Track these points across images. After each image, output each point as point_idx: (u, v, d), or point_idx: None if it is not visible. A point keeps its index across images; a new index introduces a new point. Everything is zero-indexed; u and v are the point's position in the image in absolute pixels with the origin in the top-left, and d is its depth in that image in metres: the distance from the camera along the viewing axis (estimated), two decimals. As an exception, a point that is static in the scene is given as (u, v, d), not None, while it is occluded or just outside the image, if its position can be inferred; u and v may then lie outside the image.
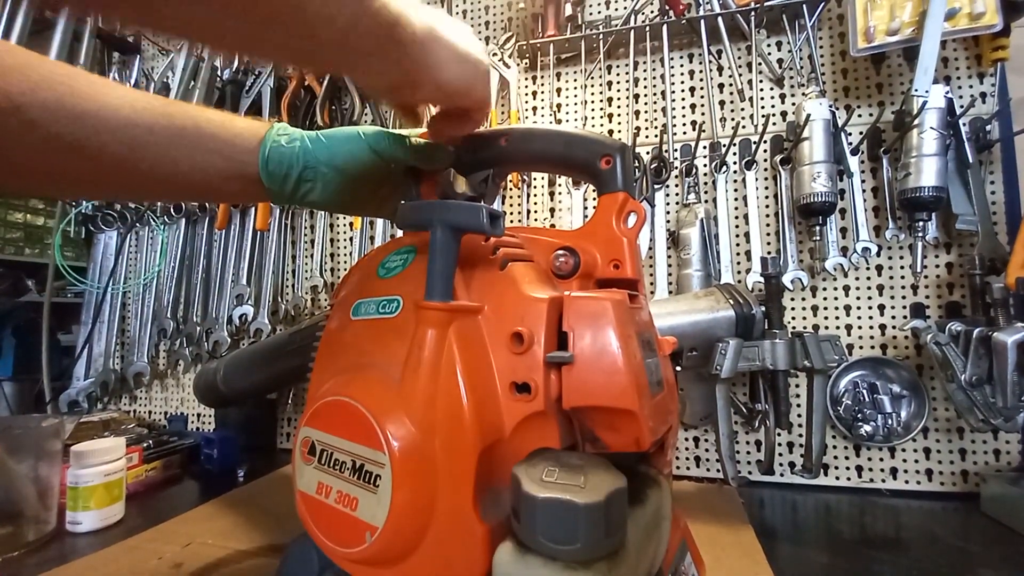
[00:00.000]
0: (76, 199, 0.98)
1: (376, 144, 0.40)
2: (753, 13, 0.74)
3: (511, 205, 0.86)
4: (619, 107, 0.83)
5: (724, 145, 0.76)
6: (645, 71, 0.81)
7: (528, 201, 0.84)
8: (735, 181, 0.78)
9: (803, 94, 0.74)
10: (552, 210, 0.85)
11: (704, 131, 0.78)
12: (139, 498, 0.67)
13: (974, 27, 0.64)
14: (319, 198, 0.41)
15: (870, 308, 0.72)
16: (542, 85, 0.87)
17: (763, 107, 0.77)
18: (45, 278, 1.03)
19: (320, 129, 0.42)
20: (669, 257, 0.77)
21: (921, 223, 0.66)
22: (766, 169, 0.77)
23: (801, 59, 0.75)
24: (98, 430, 0.83)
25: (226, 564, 0.50)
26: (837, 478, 0.71)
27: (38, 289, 1.14)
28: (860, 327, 0.72)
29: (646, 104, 0.82)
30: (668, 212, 0.79)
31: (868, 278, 0.72)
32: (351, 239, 0.92)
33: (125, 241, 1.00)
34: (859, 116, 0.74)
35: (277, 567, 0.36)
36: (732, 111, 0.79)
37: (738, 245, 0.77)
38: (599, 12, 0.85)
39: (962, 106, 0.68)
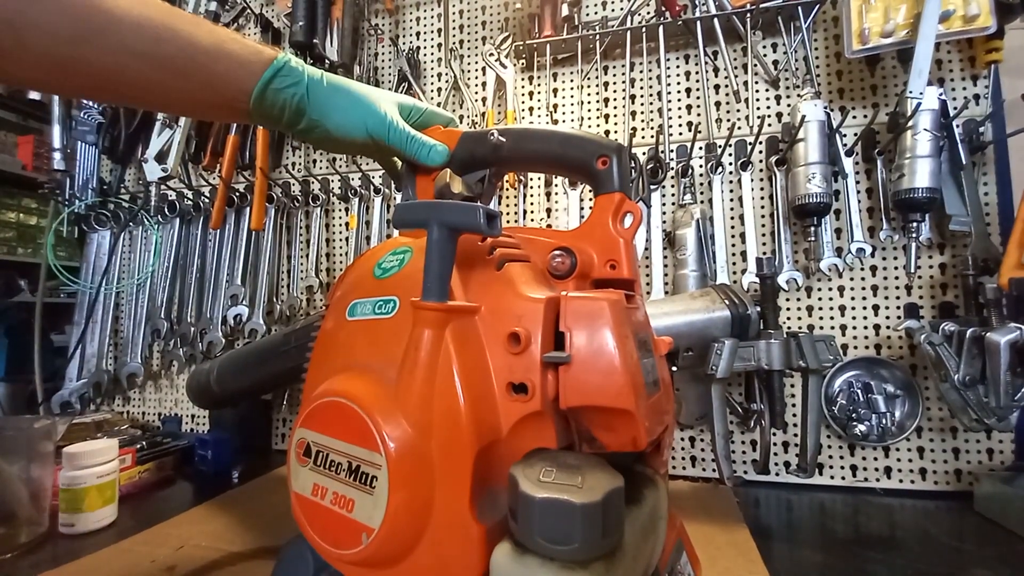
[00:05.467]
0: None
1: (375, 131, 0.41)
2: (749, 15, 0.74)
3: (507, 205, 0.86)
4: (615, 108, 0.84)
5: (720, 146, 0.76)
6: (641, 72, 0.81)
7: (524, 201, 0.84)
8: (731, 182, 0.78)
9: (798, 95, 0.74)
10: (548, 210, 0.85)
11: (700, 132, 0.78)
12: (132, 500, 0.67)
13: (968, 29, 0.64)
14: (304, 136, 0.42)
15: (864, 308, 0.72)
16: (538, 85, 0.87)
17: (759, 108, 0.77)
18: (38, 278, 1.02)
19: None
20: (665, 257, 0.77)
21: (915, 224, 0.67)
22: (761, 170, 0.77)
23: (796, 61, 0.76)
24: (91, 431, 0.82)
25: (220, 567, 0.50)
26: (832, 477, 0.71)
27: (31, 289, 1.14)
28: (854, 327, 0.72)
29: (642, 105, 0.82)
30: (664, 212, 0.79)
31: (862, 279, 0.73)
32: (347, 239, 0.92)
33: (118, 241, 0.99)
34: (854, 117, 0.74)
35: (272, 570, 0.36)
36: (728, 112, 0.79)
37: (734, 246, 0.77)
38: (595, 13, 0.85)
39: (956, 108, 0.68)
